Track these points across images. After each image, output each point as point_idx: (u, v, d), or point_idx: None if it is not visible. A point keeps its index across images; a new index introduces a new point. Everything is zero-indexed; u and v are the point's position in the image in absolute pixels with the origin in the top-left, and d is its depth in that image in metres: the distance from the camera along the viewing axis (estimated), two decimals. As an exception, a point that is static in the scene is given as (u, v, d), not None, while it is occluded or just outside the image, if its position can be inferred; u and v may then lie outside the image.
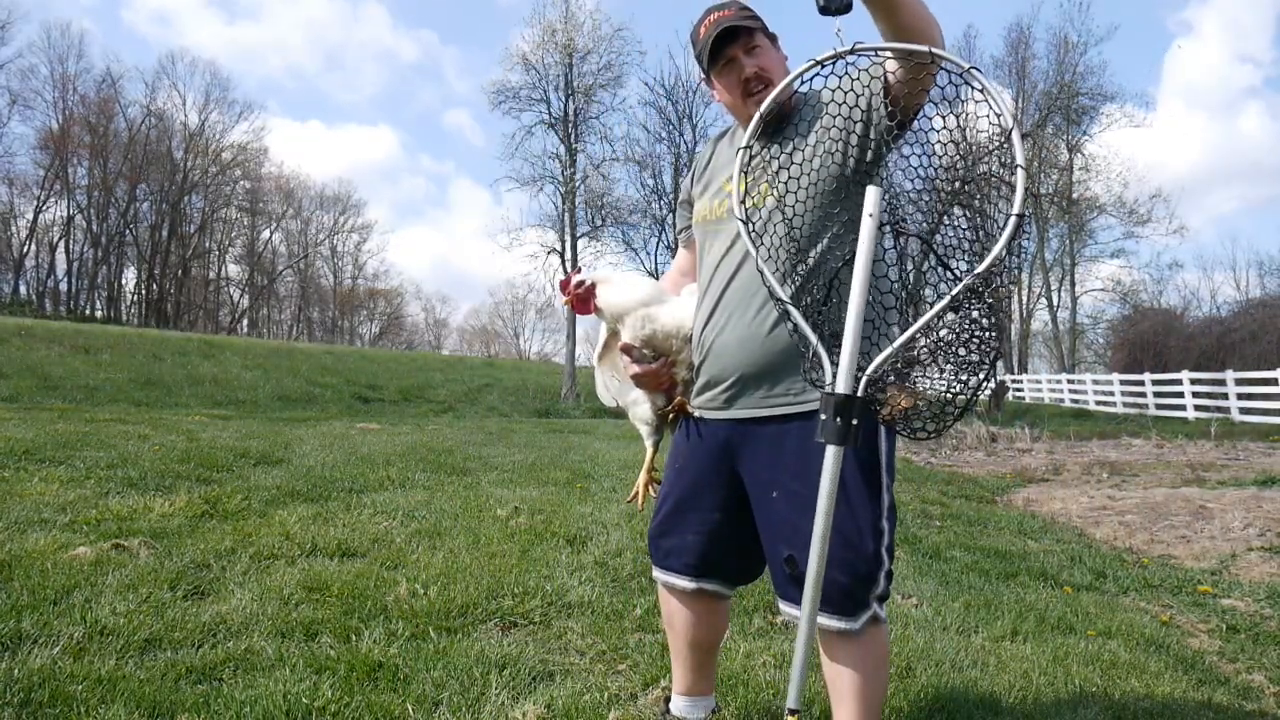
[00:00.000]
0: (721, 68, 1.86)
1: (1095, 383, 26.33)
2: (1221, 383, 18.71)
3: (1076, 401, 26.86)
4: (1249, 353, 24.92)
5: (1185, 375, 20.01)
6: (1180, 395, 20.32)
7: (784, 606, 1.81)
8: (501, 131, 37.38)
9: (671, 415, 2.03)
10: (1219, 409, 18.55)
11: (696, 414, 1.95)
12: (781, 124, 1.81)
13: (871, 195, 1.49)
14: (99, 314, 45.15)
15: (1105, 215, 34.79)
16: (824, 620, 1.72)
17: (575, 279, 2.01)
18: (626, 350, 1.97)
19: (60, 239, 45.40)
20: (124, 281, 48.18)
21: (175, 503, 4.40)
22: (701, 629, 2.03)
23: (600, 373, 2.17)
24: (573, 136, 26.25)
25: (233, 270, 54.45)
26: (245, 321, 54.35)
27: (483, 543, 4.03)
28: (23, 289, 44.35)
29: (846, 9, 1.46)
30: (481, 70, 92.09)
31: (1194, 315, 33.25)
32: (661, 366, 1.98)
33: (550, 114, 26.25)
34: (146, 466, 5.40)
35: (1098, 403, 25.26)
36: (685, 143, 31.70)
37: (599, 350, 2.12)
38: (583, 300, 1.97)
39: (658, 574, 2.03)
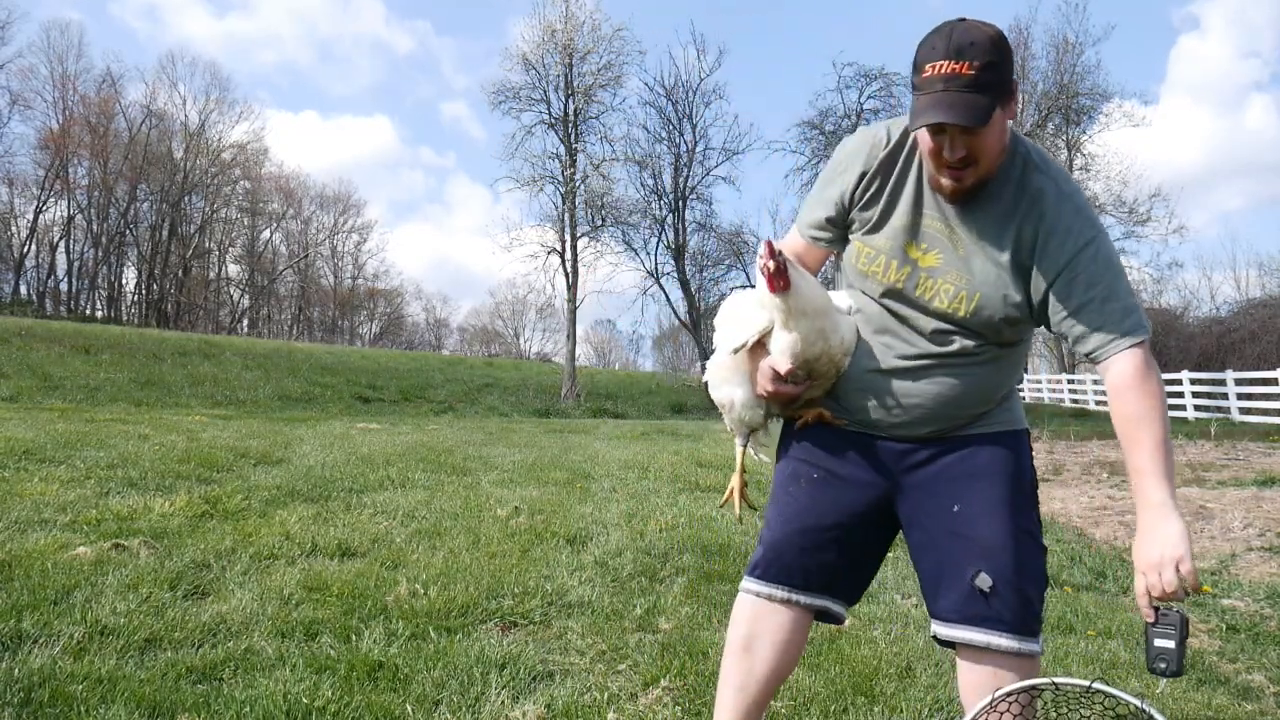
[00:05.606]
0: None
1: (1095, 383, 26.28)
2: (1221, 383, 18.70)
3: (1076, 401, 26.87)
4: (1249, 353, 24.87)
5: (1185, 375, 19.98)
6: (1180, 395, 20.29)
7: (959, 631, 1.65)
8: (501, 131, 37.38)
9: (800, 421, 1.82)
10: (1219, 409, 18.55)
11: (843, 421, 1.76)
12: (972, 204, 1.59)
13: None
14: (99, 314, 45.16)
15: (1105, 215, 34.78)
16: (1000, 640, 1.57)
17: (778, 245, 1.69)
18: (776, 365, 1.73)
19: (60, 239, 45.45)
20: (124, 281, 48.26)
21: (175, 502, 4.40)
22: (790, 655, 1.76)
23: (732, 359, 1.86)
24: (573, 136, 26.31)
25: (233, 270, 54.47)
26: (245, 321, 54.34)
27: (483, 543, 4.03)
28: (23, 289, 44.40)
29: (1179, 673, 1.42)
30: (478, 61, 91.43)
31: (1194, 315, 33.19)
32: (803, 390, 1.75)
33: (550, 114, 26.35)
34: (146, 466, 5.40)
35: (1097, 403, 25.22)
36: (685, 142, 31.74)
37: (749, 342, 1.80)
38: (780, 273, 1.67)
39: (760, 587, 1.74)
